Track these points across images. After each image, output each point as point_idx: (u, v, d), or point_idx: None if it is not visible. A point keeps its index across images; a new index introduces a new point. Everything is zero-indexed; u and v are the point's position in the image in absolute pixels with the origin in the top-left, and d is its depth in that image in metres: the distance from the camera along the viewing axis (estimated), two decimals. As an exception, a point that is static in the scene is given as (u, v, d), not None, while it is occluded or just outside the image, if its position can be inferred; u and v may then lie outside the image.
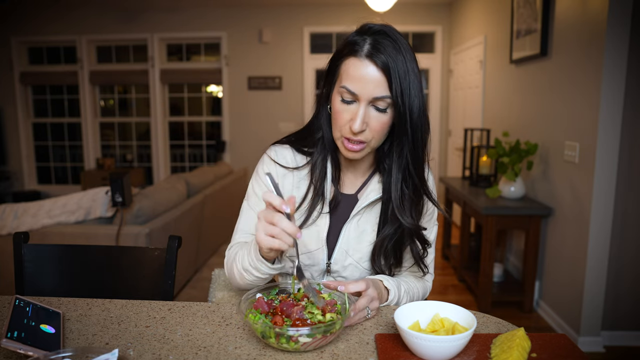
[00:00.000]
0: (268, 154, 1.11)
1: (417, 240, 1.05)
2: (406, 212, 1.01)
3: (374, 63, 0.90)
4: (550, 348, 0.80)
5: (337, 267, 1.07)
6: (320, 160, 1.05)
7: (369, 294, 0.91)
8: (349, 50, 0.93)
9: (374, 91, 0.90)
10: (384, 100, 0.91)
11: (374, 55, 0.89)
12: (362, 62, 0.91)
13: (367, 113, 0.93)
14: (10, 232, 2.65)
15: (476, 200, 2.94)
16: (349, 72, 0.92)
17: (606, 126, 2.28)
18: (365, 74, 0.90)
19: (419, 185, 1.00)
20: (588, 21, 2.37)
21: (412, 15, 5.51)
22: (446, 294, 3.26)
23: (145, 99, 6.07)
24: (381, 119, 0.93)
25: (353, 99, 0.93)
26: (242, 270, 0.97)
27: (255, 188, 1.10)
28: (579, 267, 2.47)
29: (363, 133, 0.94)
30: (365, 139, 0.95)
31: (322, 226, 1.05)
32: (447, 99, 5.58)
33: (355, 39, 0.93)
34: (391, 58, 0.89)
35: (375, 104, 0.92)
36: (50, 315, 0.88)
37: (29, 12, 5.76)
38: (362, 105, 0.92)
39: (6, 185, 6.05)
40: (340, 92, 0.94)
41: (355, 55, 0.92)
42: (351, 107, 0.94)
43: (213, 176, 3.97)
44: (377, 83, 0.90)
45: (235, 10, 5.65)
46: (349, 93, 0.92)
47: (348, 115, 0.94)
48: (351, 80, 0.92)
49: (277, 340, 0.78)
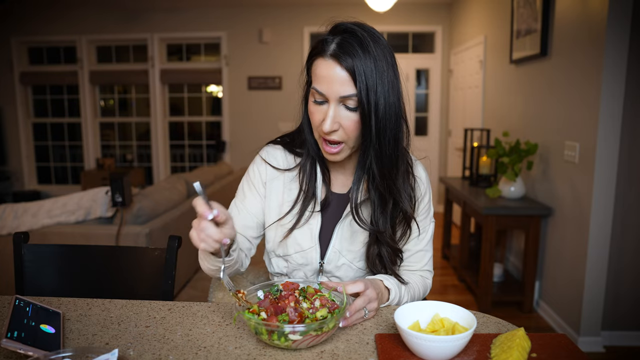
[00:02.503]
0: (260, 154, 1.12)
1: (388, 247, 1.03)
2: (372, 216, 1.01)
3: (339, 63, 0.90)
4: (550, 348, 0.80)
5: (330, 267, 1.07)
6: (309, 163, 1.06)
7: (367, 294, 0.91)
8: (318, 51, 0.94)
9: (340, 90, 0.91)
10: (351, 99, 0.91)
11: (339, 56, 0.90)
12: (327, 62, 0.92)
13: (337, 113, 0.93)
14: (10, 232, 2.65)
15: (476, 200, 2.94)
16: (317, 73, 0.93)
17: (606, 126, 2.28)
18: (332, 74, 0.91)
19: (384, 189, 0.98)
20: (588, 21, 2.37)
21: (412, 15, 5.51)
22: (446, 294, 3.26)
23: (145, 99, 6.07)
24: (352, 118, 0.93)
25: (323, 99, 0.94)
26: (200, 258, 0.99)
27: (244, 187, 1.12)
28: (578, 267, 2.47)
29: (337, 133, 0.95)
30: (341, 138, 0.95)
31: (315, 225, 1.06)
32: (447, 99, 5.58)
33: (325, 39, 0.94)
34: (356, 57, 0.89)
35: (345, 103, 0.93)
36: (50, 315, 0.88)
37: (29, 12, 5.76)
38: (332, 106, 0.92)
39: (6, 185, 6.05)
40: (312, 93, 0.95)
41: (322, 56, 0.93)
42: (323, 107, 0.94)
43: (213, 176, 3.97)
44: (342, 82, 0.90)
45: (235, 10, 5.65)
46: (318, 94, 0.93)
47: (320, 116, 0.95)
48: (319, 81, 0.93)
49: (269, 337, 0.79)
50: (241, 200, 1.10)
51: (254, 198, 1.10)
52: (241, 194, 1.12)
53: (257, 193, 1.10)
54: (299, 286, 0.90)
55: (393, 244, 1.04)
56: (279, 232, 1.07)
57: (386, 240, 1.03)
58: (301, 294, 0.88)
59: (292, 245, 1.07)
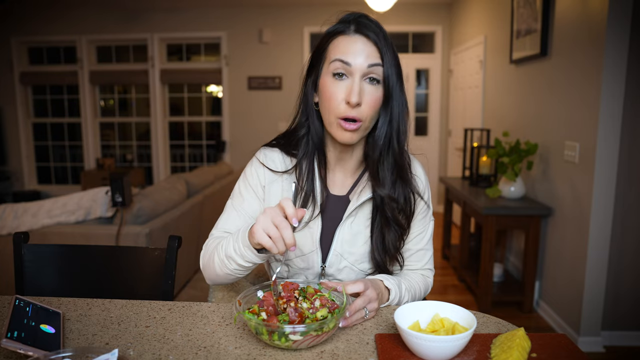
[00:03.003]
0: (257, 156, 1.10)
1: (395, 225, 1.03)
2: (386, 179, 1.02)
3: (365, 35, 0.94)
4: (550, 348, 0.80)
5: (332, 271, 1.07)
6: (307, 159, 1.04)
7: (367, 294, 0.91)
8: (338, 30, 0.97)
9: (367, 59, 0.94)
10: (376, 70, 0.94)
11: (363, 31, 0.95)
12: (352, 37, 0.95)
13: (361, 87, 0.94)
14: (10, 232, 2.65)
15: (476, 200, 2.94)
16: (340, 48, 0.95)
17: (606, 126, 2.28)
18: (357, 46, 0.94)
19: (398, 156, 1.02)
20: (588, 21, 2.37)
21: (412, 15, 5.51)
22: (446, 294, 3.26)
23: (145, 99, 6.07)
24: (374, 94, 0.95)
25: (346, 72, 0.95)
26: (224, 257, 0.94)
27: (241, 188, 1.09)
28: (578, 267, 2.47)
29: (359, 109, 0.95)
30: (361, 116, 0.95)
31: (315, 228, 1.05)
32: (447, 99, 5.58)
33: (338, 26, 0.97)
34: (378, 34, 0.95)
35: (370, 75, 0.95)
36: (50, 315, 0.88)
37: (29, 12, 5.76)
38: (357, 77, 0.94)
39: (6, 185, 6.05)
40: (333, 68, 0.95)
41: (344, 33, 0.96)
42: (345, 82, 0.95)
43: (213, 176, 3.97)
44: (369, 52, 0.94)
45: (235, 10, 5.65)
46: (343, 64, 0.94)
47: (342, 92, 0.95)
48: (344, 53, 0.94)
49: (269, 337, 0.78)
50: (240, 203, 1.08)
51: (253, 201, 1.08)
52: (239, 196, 1.09)
53: (256, 196, 1.08)
54: (298, 286, 0.90)
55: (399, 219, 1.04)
56: None
57: (395, 214, 1.03)
58: (301, 294, 0.88)
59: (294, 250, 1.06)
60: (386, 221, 1.03)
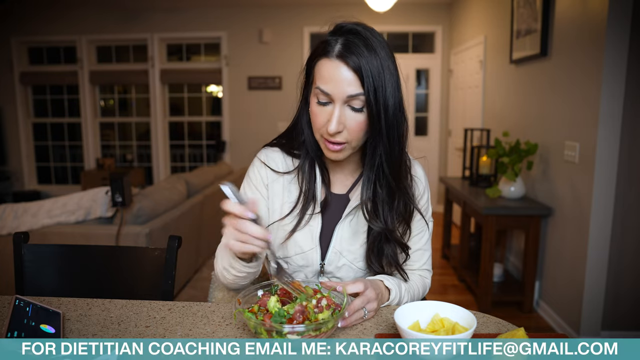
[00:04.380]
0: (259, 156, 1.11)
1: (396, 244, 1.03)
2: (379, 215, 1.01)
3: (345, 63, 0.89)
4: (550, 348, 0.80)
5: (331, 268, 1.07)
6: (308, 165, 1.05)
7: (366, 294, 0.92)
8: (321, 51, 0.93)
9: (346, 90, 0.90)
10: (358, 98, 0.90)
11: (345, 55, 0.89)
12: (333, 63, 0.90)
13: (342, 113, 0.92)
14: (10, 232, 2.65)
15: (476, 200, 2.94)
16: (322, 73, 0.92)
17: (606, 126, 2.28)
18: (338, 74, 0.90)
19: (394, 186, 0.99)
20: (588, 21, 2.37)
21: (412, 15, 5.51)
22: (446, 294, 3.26)
23: (145, 99, 6.07)
24: (358, 119, 0.93)
25: (328, 100, 0.92)
26: (222, 269, 0.98)
27: (246, 191, 1.10)
28: (578, 267, 2.47)
29: (341, 134, 0.93)
30: (344, 139, 0.94)
31: (315, 226, 1.05)
32: (447, 99, 5.58)
33: (328, 40, 0.93)
34: (362, 57, 0.88)
35: (351, 104, 0.91)
36: (50, 315, 0.88)
37: (29, 12, 5.76)
38: (337, 106, 0.91)
39: (6, 185, 6.05)
40: (316, 94, 0.94)
41: (326, 56, 0.91)
42: (327, 108, 0.93)
43: (213, 176, 3.97)
44: (349, 82, 0.89)
45: (235, 10, 5.65)
46: (323, 94, 0.92)
47: (324, 117, 0.93)
48: (324, 81, 0.91)
49: (268, 337, 0.79)
50: None
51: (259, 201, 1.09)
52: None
53: (261, 196, 1.09)
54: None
55: (402, 240, 1.04)
56: (280, 234, 1.07)
57: (396, 238, 1.03)
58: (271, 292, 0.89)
59: (292, 247, 1.06)
60: (385, 238, 1.03)
